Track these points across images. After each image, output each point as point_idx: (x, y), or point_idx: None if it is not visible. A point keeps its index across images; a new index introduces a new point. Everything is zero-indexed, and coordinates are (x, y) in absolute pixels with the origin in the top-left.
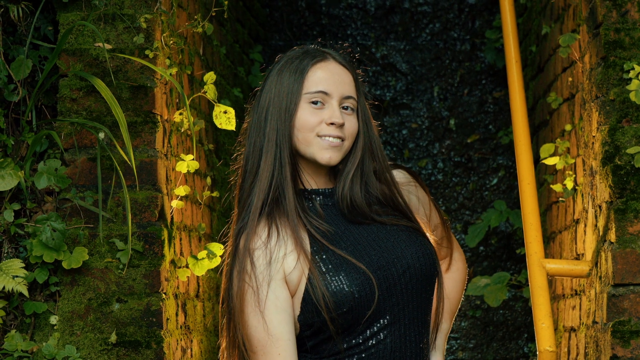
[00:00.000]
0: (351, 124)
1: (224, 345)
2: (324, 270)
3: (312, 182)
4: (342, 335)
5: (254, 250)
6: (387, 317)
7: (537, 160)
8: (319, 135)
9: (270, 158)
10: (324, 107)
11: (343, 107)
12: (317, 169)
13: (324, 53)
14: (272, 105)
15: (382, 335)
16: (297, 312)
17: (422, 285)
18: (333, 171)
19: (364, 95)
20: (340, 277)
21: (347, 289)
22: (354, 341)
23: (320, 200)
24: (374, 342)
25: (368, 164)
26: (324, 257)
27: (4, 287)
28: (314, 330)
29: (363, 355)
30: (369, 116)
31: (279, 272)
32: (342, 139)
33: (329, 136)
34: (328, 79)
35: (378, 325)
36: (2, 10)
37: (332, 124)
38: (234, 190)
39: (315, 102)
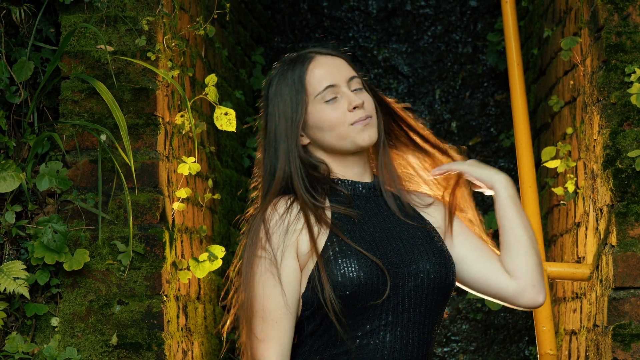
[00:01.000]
0: (367, 99)
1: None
2: (337, 250)
3: (350, 173)
4: (340, 325)
5: (270, 220)
6: (390, 316)
7: (538, 163)
8: (351, 124)
9: (282, 167)
10: (337, 99)
11: (356, 89)
12: (348, 165)
13: (309, 53)
14: (279, 127)
15: (381, 334)
16: (303, 288)
17: (433, 292)
18: (366, 166)
19: (359, 71)
20: (351, 259)
21: (354, 273)
22: (352, 334)
23: (351, 190)
24: (372, 339)
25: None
26: (341, 239)
27: (5, 289)
28: (314, 310)
29: (360, 350)
30: (374, 87)
31: (292, 244)
32: (369, 116)
33: (359, 120)
34: (327, 72)
35: (378, 322)
36: (4, 12)
37: (354, 108)
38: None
39: (329, 100)
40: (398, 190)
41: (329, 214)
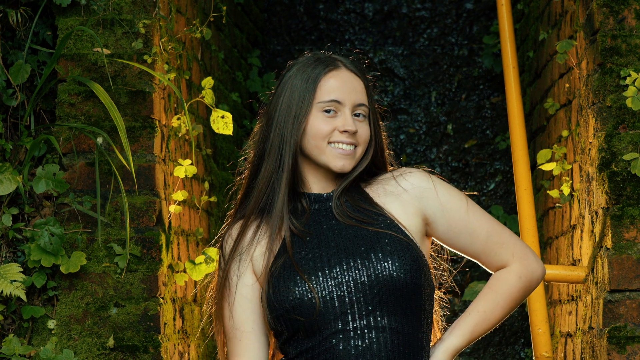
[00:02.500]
0: (364, 130)
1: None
2: (281, 270)
3: (316, 186)
4: (295, 338)
5: (225, 247)
6: (339, 324)
7: (534, 165)
8: (330, 142)
9: (271, 164)
10: (336, 115)
11: (355, 114)
12: (326, 174)
13: (336, 61)
14: (280, 112)
15: (334, 341)
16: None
17: (396, 295)
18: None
19: (374, 100)
20: (291, 279)
21: (280, 296)
22: (308, 344)
23: (313, 205)
24: (326, 347)
25: (371, 166)
26: (286, 259)
27: (2, 292)
28: (270, 327)
29: (316, 357)
30: (378, 121)
31: (248, 265)
32: (355, 146)
33: (341, 142)
34: (340, 87)
35: (328, 331)
36: (1, 15)
37: (345, 131)
38: (238, 192)
39: (328, 111)
40: (356, 188)
41: (285, 228)
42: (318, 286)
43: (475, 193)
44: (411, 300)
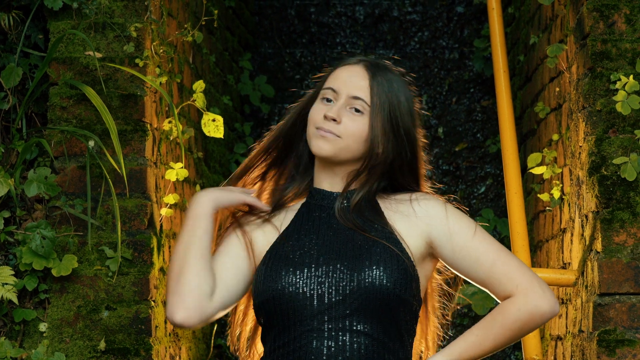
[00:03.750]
0: (352, 123)
1: None
2: (272, 259)
3: (326, 183)
4: (273, 330)
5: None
6: (315, 323)
7: (524, 169)
8: (316, 128)
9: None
10: (330, 104)
11: (352, 108)
12: (333, 171)
13: (352, 58)
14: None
15: (307, 339)
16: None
17: (376, 303)
18: (340, 179)
19: (408, 114)
20: (278, 269)
21: (264, 285)
22: (284, 339)
23: (320, 201)
24: (300, 344)
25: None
26: (278, 249)
27: None
28: (255, 315)
29: (290, 355)
30: (405, 132)
31: (252, 231)
32: (336, 136)
33: (320, 128)
34: (343, 78)
35: (303, 328)
36: None
37: (325, 117)
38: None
39: (328, 100)
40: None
41: (288, 219)
42: (300, 281)
43: (487, 224)
44: (391, 311)
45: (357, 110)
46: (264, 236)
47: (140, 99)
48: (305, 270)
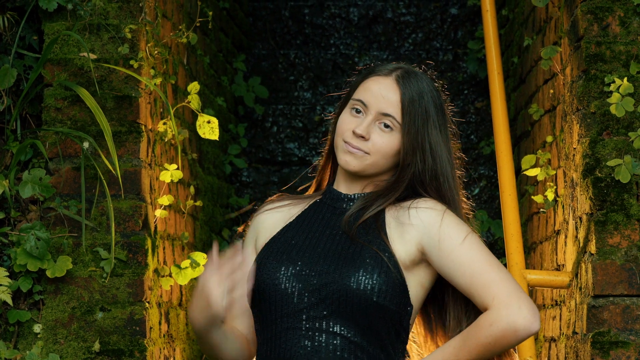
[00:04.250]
0: (380, 140)
1: None
2: (266, 251)
3: (343, 186)
4: (261, 323)
5: (254, 215)
6: (294, 321)
7: (518, 170)
8: (345, 141)
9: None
10: (360, 116)
11: (382, 124)
12: (350, 175)
13: (384, 68)
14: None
15: (286, 337)
16: None
17: (353, 308)
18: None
19: (437, 127)
20: (268, 262)
21: (262, 274)
22: (267, 335)
23: (332, 202)
24: (280, 341)
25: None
26: (275, 241)
27: None
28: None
29: (274, 351)
30: (430, 147)
31: (258, 235)
32: (365, 152)
33: (348, 144)
34: (374, 92)
35: (282, 325)
36: None
37: (354, 133)
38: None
39: (358, 111)
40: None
41: (294, 214)
42: (283, 277)
43: (477, 230)
44: (369, 317)
45: (386, 126)
46: (274, 226)
47: (135, 100)
48: (290, 268)
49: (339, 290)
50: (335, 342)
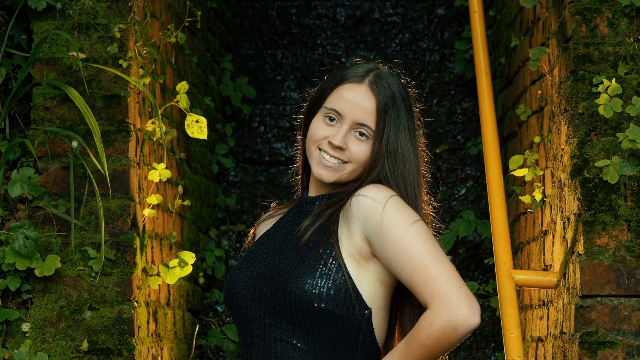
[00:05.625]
0: (357, 149)
1: None
2: (239, 261)
3: (312, 189)
4: (237, 329)
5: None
6: (252, 329)
7: (505, 171)
8: (319, 148)
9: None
10: (335, 126)
11: (358, 133)
12: (322, 184)
13: (364, 77)
14: (306, 106)
15: (248, 344)
16: None
17: (305, 316)
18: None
19: (406, 131)
20: (231, 271)
21: (227, 280)
22: (239, 339)
23: (300, 206)
24: (244, 348)
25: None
26: (247, 250)
27: None
28: None
29: (243, 354)
30: (400, 150)
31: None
32: (343, 162)
33: (326, 153)
34: (348, 101)
35: (245, 332)
36: None
37: (330, 143)
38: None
39: (331, 119)
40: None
41: (272, 221)
42: (242, 284)
43: (442, 227)
44: (315, 323)
45: (361, 134)
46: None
47: (124, 99)
48: (248, 274)
49: (284, 297)
50: (287, 349)
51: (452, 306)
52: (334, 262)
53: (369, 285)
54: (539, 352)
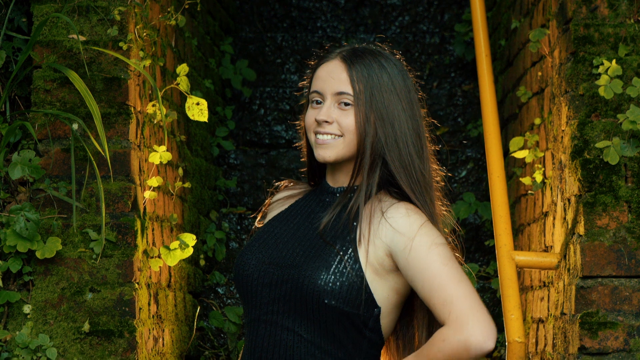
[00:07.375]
0: (346, 118)
1: None
2: (252, 238)
3: (330, 178)
4: (243, 311)
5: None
6: (260, 313)
7: (505, 152)
8: (313, 132)
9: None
10: (321, 105)
11: (341, 103)
12: (332, 168)
13: (334, 52)
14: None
15: (253, 327)
16: None
17: (310, 307)
18: (344, 174)
19: (394, 93)
20: (244, 251)
21: (237, 260)
22: (245, 320)
23: (320, 195)
24: (250, 332)
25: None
26: (260, 230)
27: None
28: None
29: (247, 340)
30: (387, 113)
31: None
32: (337, 135)
33: (318, 133)
34: (323, 78)
35: (251, 316)
36: None
37: (315, 120)
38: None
39: (317, 102)
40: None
41: (286, 205)
42: (254, 267)
43: (461, 260)
44: (323, 317)
45: (346, 104)
46: (272, 216)
47: (124, 82)
48: (259, 258)
49: (295, 288)
50: (292, 338)
51: (467, 327)
52: (349, 261)
53: (382, 291)
54: (540, 333)
